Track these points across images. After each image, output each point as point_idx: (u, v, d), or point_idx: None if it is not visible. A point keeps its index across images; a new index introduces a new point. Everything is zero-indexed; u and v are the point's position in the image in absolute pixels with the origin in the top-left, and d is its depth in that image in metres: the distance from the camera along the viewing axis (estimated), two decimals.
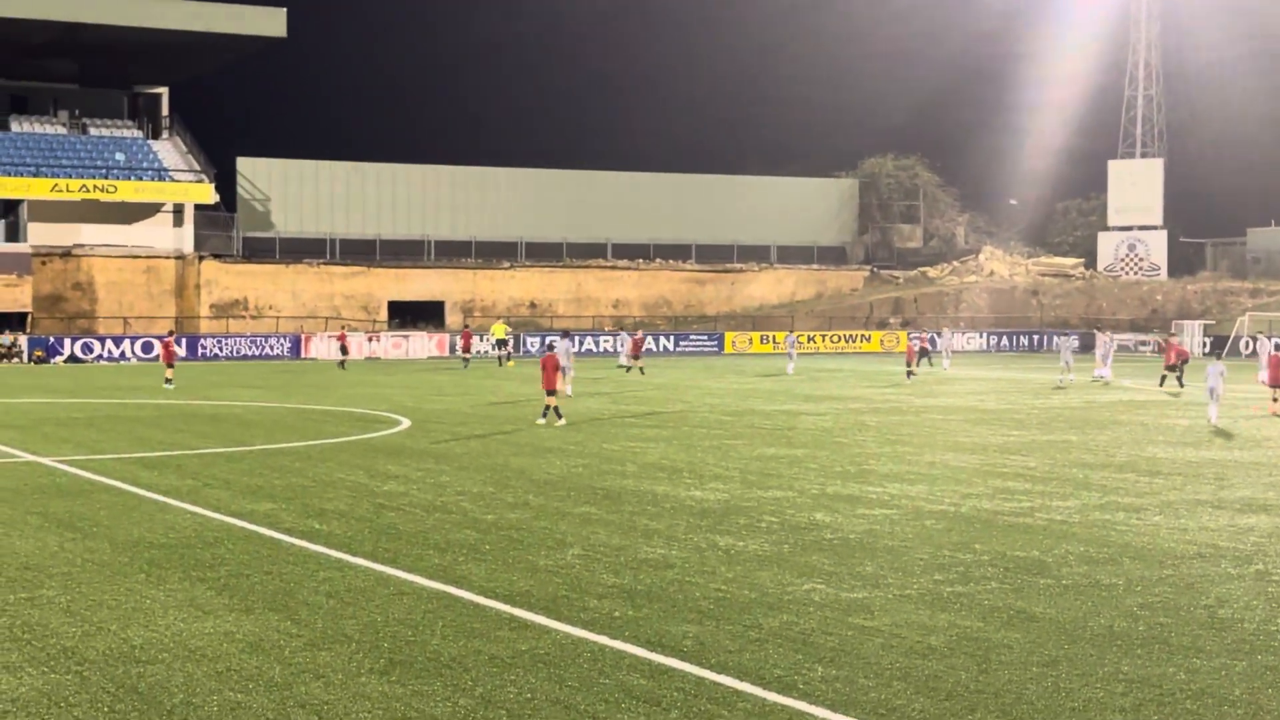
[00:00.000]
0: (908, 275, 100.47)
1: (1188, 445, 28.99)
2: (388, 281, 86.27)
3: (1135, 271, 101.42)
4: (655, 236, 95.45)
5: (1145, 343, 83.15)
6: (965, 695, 10.79)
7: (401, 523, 18.56)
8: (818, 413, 37.34)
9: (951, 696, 10.76)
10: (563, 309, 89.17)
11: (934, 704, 10.57)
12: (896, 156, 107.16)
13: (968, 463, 25.59)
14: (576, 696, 10.74)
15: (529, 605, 13.64)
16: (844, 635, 12.53)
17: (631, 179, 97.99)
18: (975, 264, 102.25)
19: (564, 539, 17.32)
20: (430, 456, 26.43)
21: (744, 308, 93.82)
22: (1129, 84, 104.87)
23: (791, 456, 26.49)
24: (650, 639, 12.37)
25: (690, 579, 14.87)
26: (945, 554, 16.34)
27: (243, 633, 12.58)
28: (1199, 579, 15.03)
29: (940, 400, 42.54)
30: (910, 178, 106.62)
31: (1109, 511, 19.62)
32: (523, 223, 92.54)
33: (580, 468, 24.57)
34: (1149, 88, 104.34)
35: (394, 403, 40.56)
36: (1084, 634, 12.61)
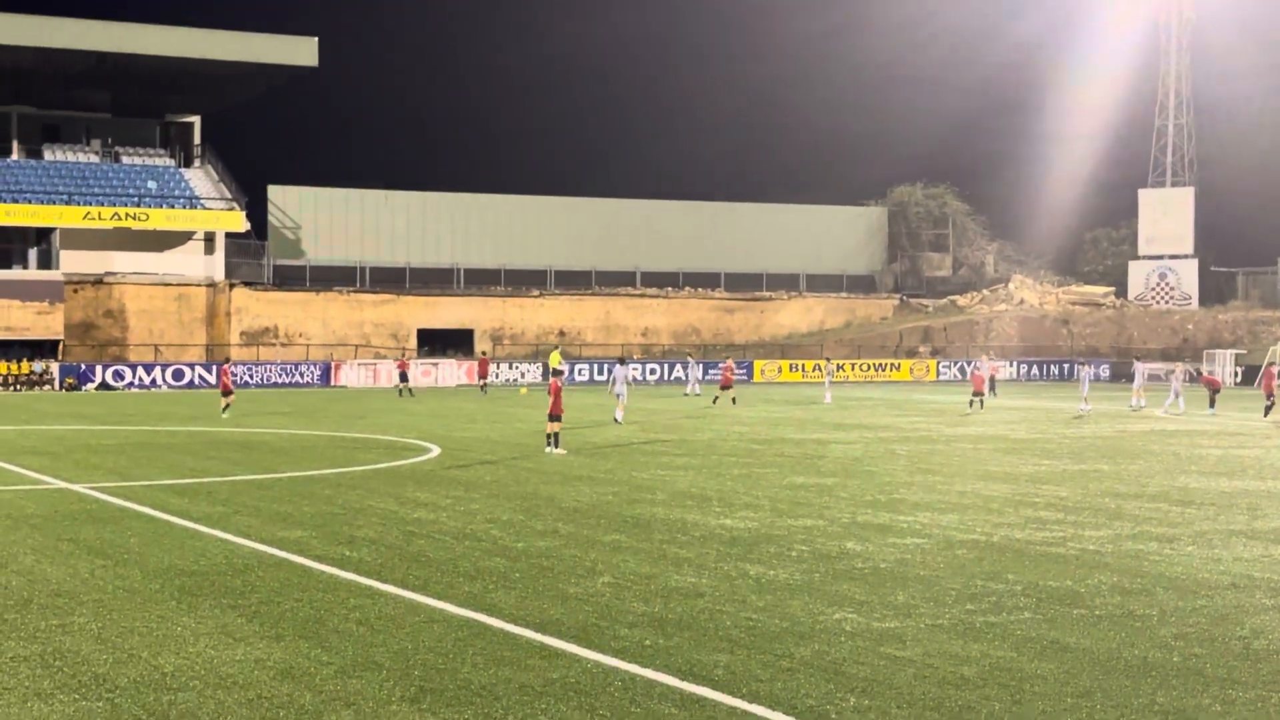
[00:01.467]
0: (937, 304, 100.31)
1: (1220, 475, 28.82)
2: (417, 309, 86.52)
3: (1166, 300, 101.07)
4: (684, 265, 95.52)
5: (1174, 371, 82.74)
6: None
7: (431, 550, 18.54)
8: (847, 441, 37.25)
9: None
10: (591, 337, 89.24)
11: None
12: (926, 185, 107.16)
13: (999, 492, 25.47)
14: None
15: (559, 633, 13.60)
16: (876, 665, 12.45)
17: (660, 207, 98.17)
18: (1005, 293, 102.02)
19: (594, 567, 17.28)
20: (460, 484, 26.43)
21: (773, 336, 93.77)
22: (1159, 113, 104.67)
23: (821, 485, 26.42)
24: (681, 668, 12.32)
25: (721, 608, 14.82)
26: (977, 584, 16.25)
27: (273, 660, 12.57)
28: (1233, 610, 14.91)
29: (971, 429, 42.39)
30: (939, 206, 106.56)
31: (1142, 541, 19.50)
32: (552, 251, 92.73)
33: (610, 495, 24.54)
34: (1179, 117, 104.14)
35: (423, 430, 40.60)
36: (1118, 665, 12.51)
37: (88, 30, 79.29)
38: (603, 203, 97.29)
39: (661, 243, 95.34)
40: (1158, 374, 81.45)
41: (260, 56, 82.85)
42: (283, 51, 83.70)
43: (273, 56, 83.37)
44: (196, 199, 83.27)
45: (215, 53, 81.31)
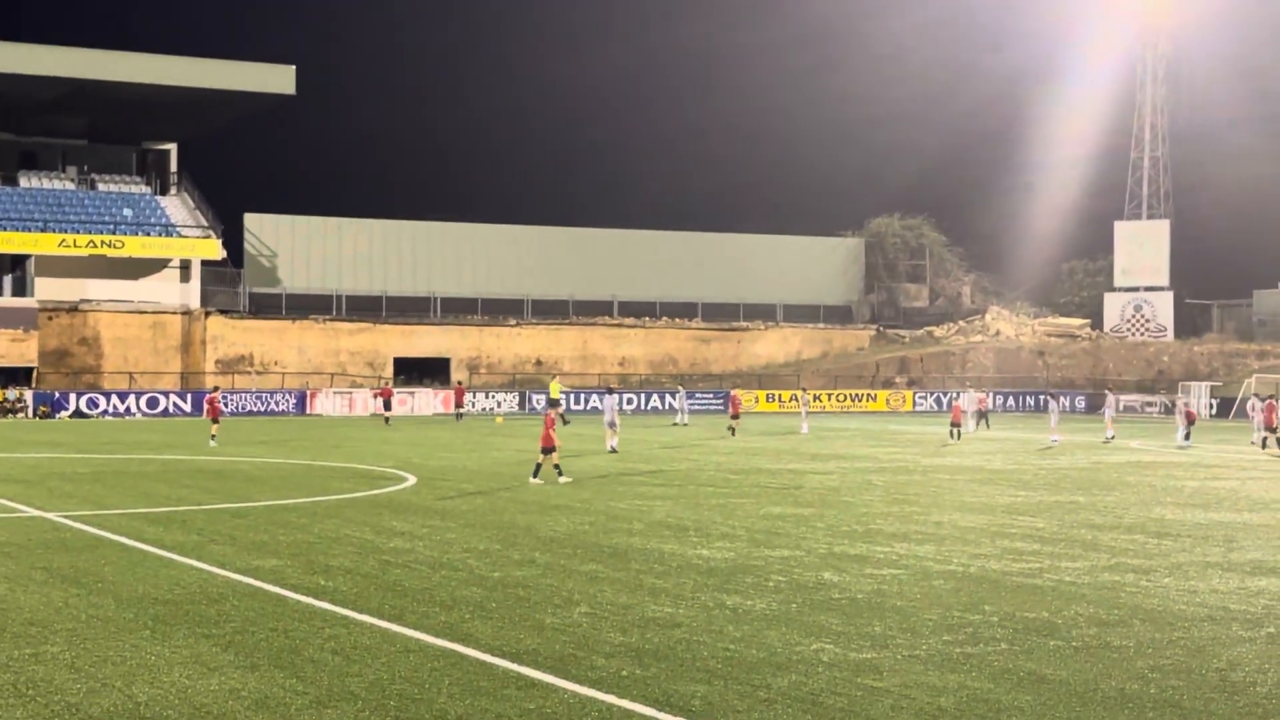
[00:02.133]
0: (914, 334, 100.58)
1: (1196, 507, 28.89)
2: (394, 338, 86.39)
3: (1142, 332, 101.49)
4: (661, 294, 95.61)
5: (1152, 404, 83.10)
6: None
7: (407, 579, 18.47)
8: (824, 471, 37.26)
9: None
10: (569, 366, 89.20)
11: None
12: (903, 216, 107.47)
13: (975, 523, 25.49)
14: None
15: (536, 663, 13.55)
16: (853, 695, 12.43)
17: (638, 237, 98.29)
18: (981, 324, 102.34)
19: (571, 597, 17.23)
20: (436, 513, 26.36)
21: (750, 366, 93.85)
22: (1135, 146, 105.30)
23: (799, 515, 26.40)
24: (658, 698, 12.28)
25: (698, 638, 14.78)
26: (954, 614, 16.24)
27: (248, 690, 12.49)
28: (1210, 642, 14.92)
29: (947, 460, 42.45)
30: (916, 237, 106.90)
31: (1118, 573, 19.52)
32: (529, 280, 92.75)
33: (587, 525, 24.49)
34: (1155, 149, 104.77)
35: (400, 459, 40.50)
36: (1095, 696, 12.51)
37: (64, 57, 79.19)
38: (580, 232, 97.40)
39: (639, 272, 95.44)
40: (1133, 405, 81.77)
41: (237, 84, 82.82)
42: (260, 79, 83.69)
43: (250, 84, 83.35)
44: (172, 226, 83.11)
45: (192, 80, 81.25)
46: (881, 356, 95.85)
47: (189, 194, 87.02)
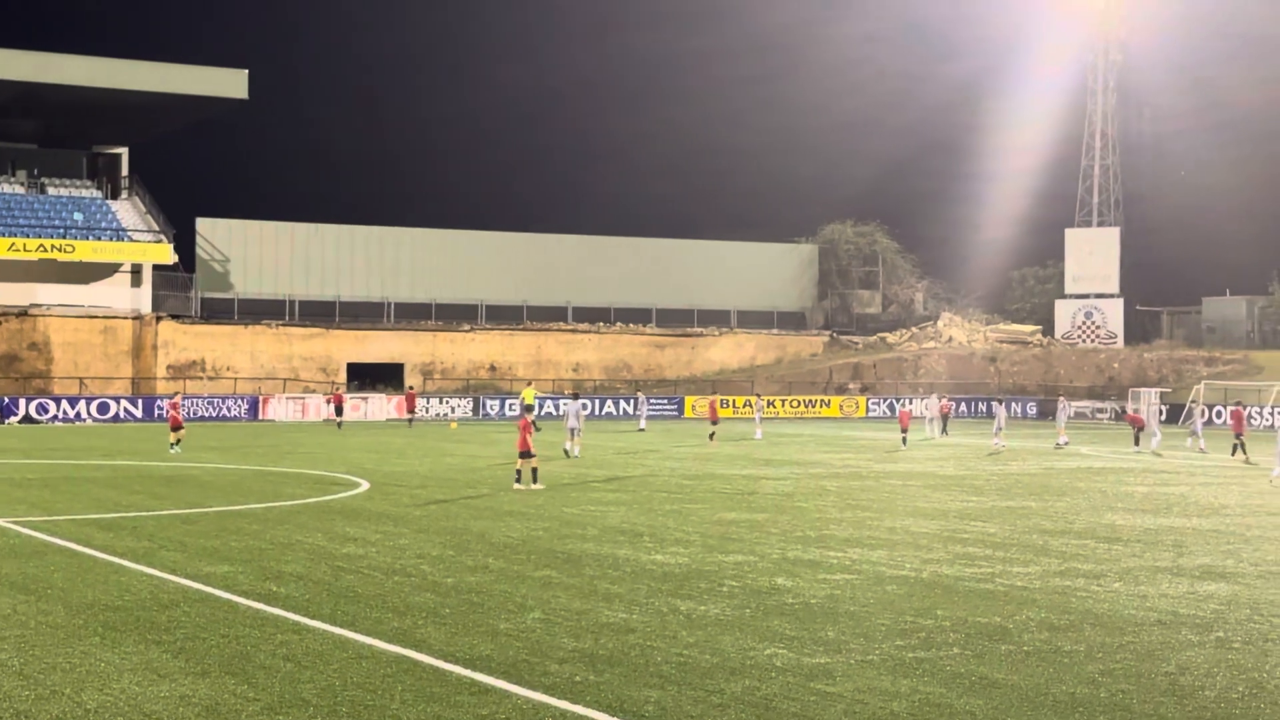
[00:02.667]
0: (867, 341, 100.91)
1: (1146, 512, 29.09)
2: (347, 343, 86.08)
3: (1092, 339, 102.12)
4: (616, 300, 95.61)
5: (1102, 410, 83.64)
6: None
7: (360, 585, 18.40)
8: (778, 477, 37.33)
9: None
10: (523, 372, 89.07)
11: None
12: (856, 223, 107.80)
13: (928, 528, 25.58)
14: None
15: (489, 670, 13.52)
16: (806, 701, 12.45)
17: (592, 243, 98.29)
18: (934, 330, 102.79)
19: (524, 603, 17.20)
20: (389, 519, 26.27)
21: (704, 372, 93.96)
22: (1085, 154, 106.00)
23: (752, 521, 26.44)
24: (612, 704, 12.27)
25: (652, 643, 14.78)
26: (907, 619, 16.30)
27: (199, 697, 12.42)
28: (1159, 646, 15.02)
29: (900, 466, 42.60)
30: (869, 244, 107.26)
31: (1069, 578, 19.63)
32: (483, 285, 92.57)
33: (541, 531, 24.45)
34: (1105, 158, 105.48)
35: (353, 465, 40.35)
36: (1046, 701, 12.57)
37: (14, 60, 78.61)
38: (535, 238, 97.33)
39: (593, 278, 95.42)
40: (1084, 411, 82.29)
41: (189, 88, 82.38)
42: (212, 83, 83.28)
43: (202, 88, 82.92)
44: (123, 231, 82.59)
45: (143, 84, 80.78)
46: (835, 362, 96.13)
47: (140, 198, 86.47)
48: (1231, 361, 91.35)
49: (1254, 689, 13.09)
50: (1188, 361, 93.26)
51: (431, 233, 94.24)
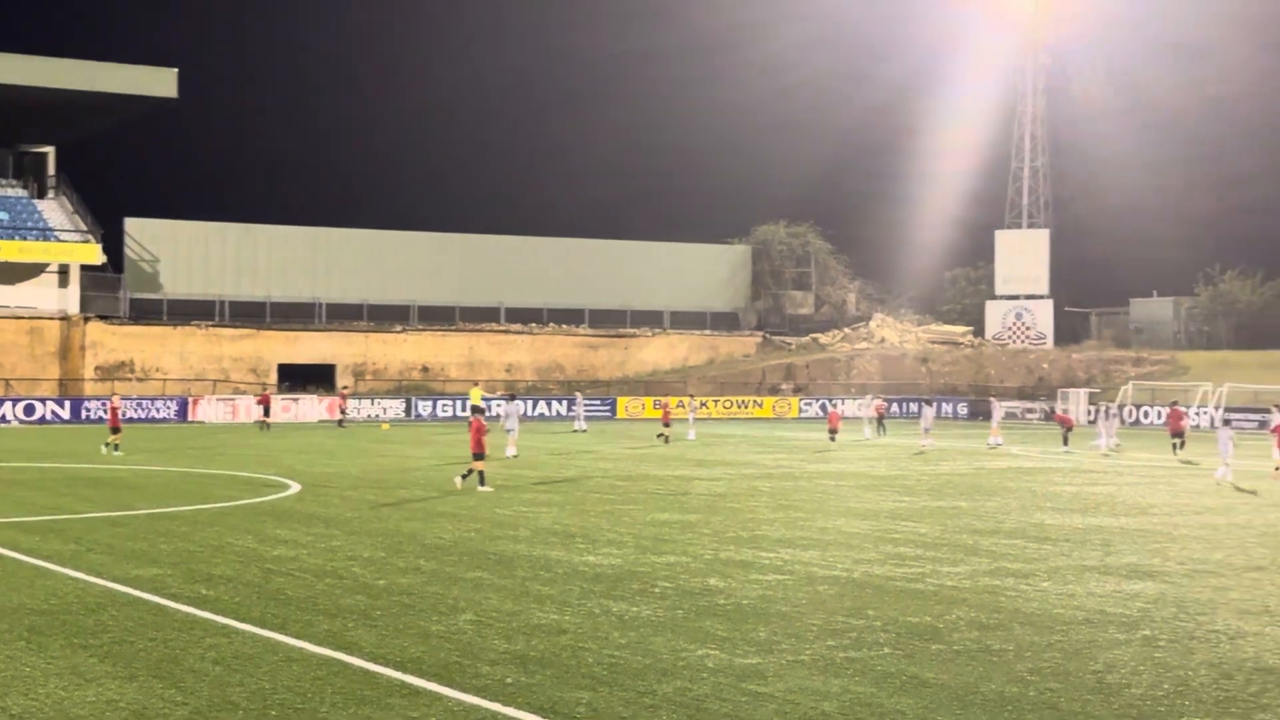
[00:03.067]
0: (800, 341, 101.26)
1: (1075, 512, 29.35)
2: (278, 344, 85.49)
3: (1022, 340, 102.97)
4: (548, 301, 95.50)
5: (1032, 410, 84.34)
6: None
7: (290, 588, 18.29)
8: (711, 478, 37.40)
9: None
10: (455, 373, 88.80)
11: None
12: (789, 224, 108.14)
13: (859, 528, 25.71)
14: None
15: (420, 672, 13.47)
16: (738, 701, 12.48)
17: (525, 243, 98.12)
18: (866, 331, 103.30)
19: (456, 604, 17.15)
20: (320, 521, 26.12)
21: (637, 373, 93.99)
22: (1015, 156, 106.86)
23: (685, 522, 26.48)
24: (543, 706, 12.26)
25: (584, 645, 14.77)
26: (838, 619, 16.37)
27: (126, 701, 12.30)
28: (1087, 645, 15.16)
29: (832, 466, 42.78)
30: (802, 245, 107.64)
31: (999, 577, 19.78)
32: (415, 286, 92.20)
33: (473, 532, 24.39)
34: (1035, 160, 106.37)
35: (283, 466, 40.09)
36: (975, 699, 12.66)
37: None
38: (467, 238, 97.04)
39: (526, 279, 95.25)
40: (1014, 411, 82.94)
41: (117, 87, 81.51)
42: (141, 82, 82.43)
43: (130, 87, 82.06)
44: (50, 231, 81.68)
45: (71, 82, 79.86)
46: (768, 363, 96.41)
47: (68, 198, 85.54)
48: (1159, 362, 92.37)
49: (1179, 687, 13.23)
50: (1116, 362, 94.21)
51: (364, 233, 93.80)
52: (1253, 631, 15.97)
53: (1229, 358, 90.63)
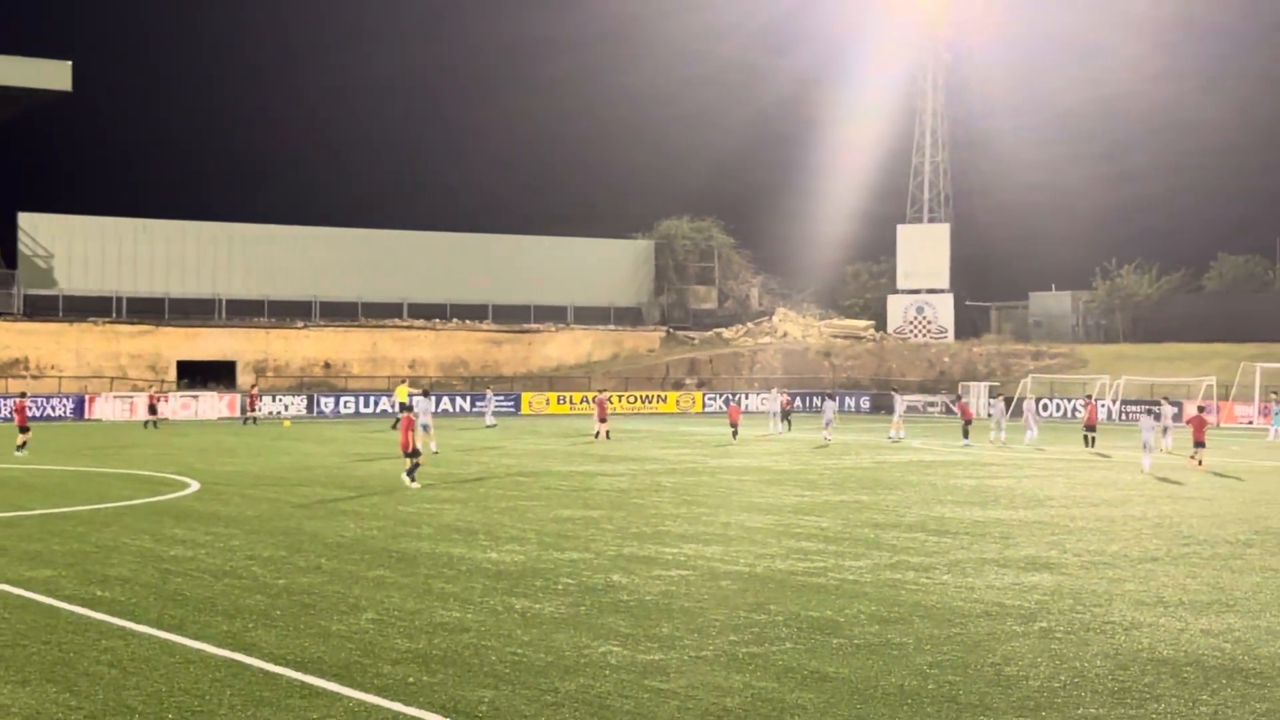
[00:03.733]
0: (703, 336, 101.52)
1: (974, 505, 29.65)
2: (177, 340, 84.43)
3: (924, 334, 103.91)
4: (452, 296, 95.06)
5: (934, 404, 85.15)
6: None
7: (188, 588, 18.07)
8: (614, 474, 37.40)
9: None
10: (358, 369, 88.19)
11: None
12: (692, 219, 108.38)
13: (762, 523, 25.81)
14: None
15: (320, 672, 13.36)
16: (640, 698, 12.48)
17: (428, 238, 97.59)
18: (769, 325, 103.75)
19: (357, 603, 17.03)
20: (219, 520, 25.83)
21: (541, 368, 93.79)
22: (916, 151, 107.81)
23: (588, 518, 26.46)
24: (445, 704, 12.20)
25: (486, 642, 14.72)
26: (741, 615, 16.43)
27: (18, 706, 12.09)
28: (986, 637, 15.31)
29: (735, 461, 42.93)
30: (705, 239, 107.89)
31: (899, 571, 19.94)
32: (317, 281, 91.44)
33: (375, 530, 24.23)
34: (935, 155, 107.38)
35: (182, 465, 39.61)
36: (876, 693, 12.75)
37: None
38: (369, 233, 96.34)
39: (429, 274, 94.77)
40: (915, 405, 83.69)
41: (9, 80, 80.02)
42: (33, 75, 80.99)
43: (23, 80, 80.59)
44: None
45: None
46: (671, 358, 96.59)
47: None
48: (1058, 355, 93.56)
49: (1076, 678, 13.40)
50: (1015, 355, 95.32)
51: (264, 228, 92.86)
52: (1147, 622, 16.22)
53: (1126, 350, 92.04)
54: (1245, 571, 20.21)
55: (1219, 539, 23.94)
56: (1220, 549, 22.64)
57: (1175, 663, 14.10)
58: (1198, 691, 12.94)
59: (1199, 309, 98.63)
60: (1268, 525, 26.09)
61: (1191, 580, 19.34)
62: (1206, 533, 24.83)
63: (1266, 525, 26.08)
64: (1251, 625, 16.13)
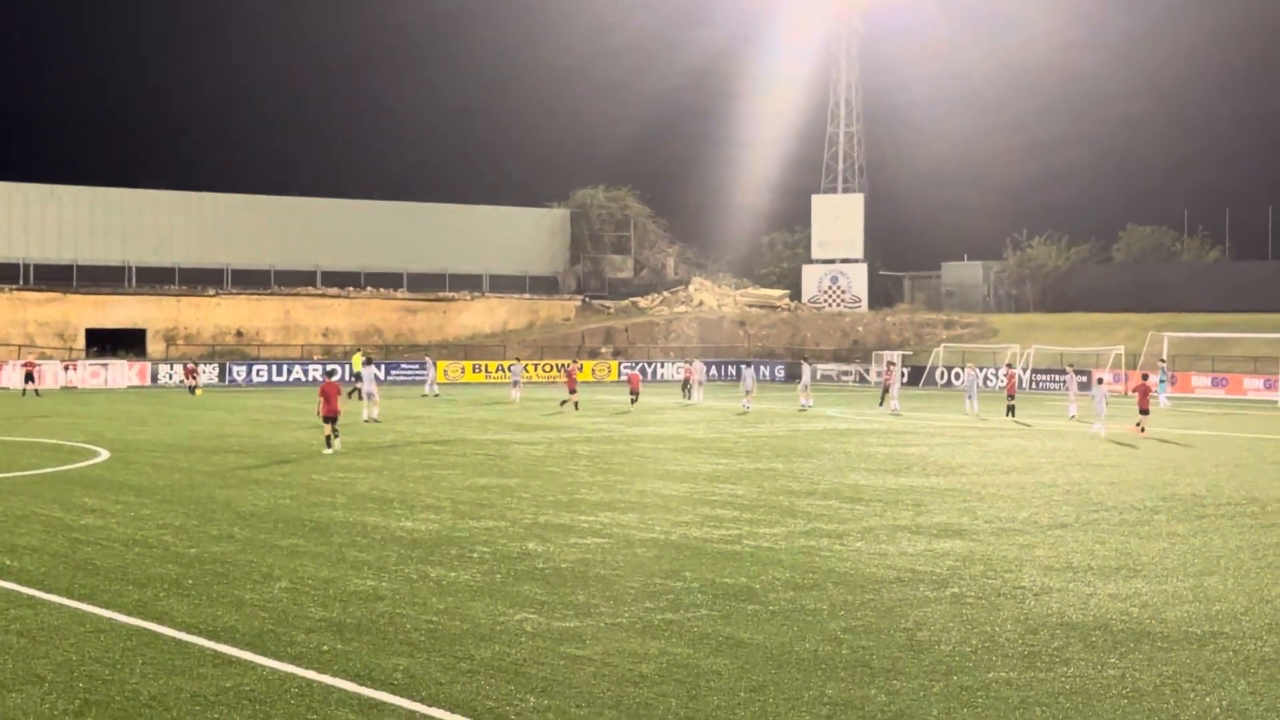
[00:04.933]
0: (619, 305, 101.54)
1: (888, 472, 29.89)
2: (85, 308, 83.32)
3: (838, 303, 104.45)
4: (366, 264, 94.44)
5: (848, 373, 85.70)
6: None
7: (99, 558, 17.88)
8: (530, 442, 37.37)
9: None
10: (271, 337, 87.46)
11: None
12: (608, 188, 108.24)
13: (678, 491, 25.90)
14: None
15: (233, 641, 13.27)
16: (556, 665, 12.51)
17: (341, 206, 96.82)
18: (685, 295, 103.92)
19: (271, 572, 16.93)
20: (130, 489, 25.57)
21: (456, 337, 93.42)
22: (830, 121, 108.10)
23: (504, 486, 26.43)
24: (360, 673, 12.16)
25: (401, 611, 14.68)
26: (656, 582, 16.48)
27: None
28: (899, 603, 15.46)
29: (651, 429, 43.02)
30: (621, 209, 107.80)
31: (814, 538, 20.07)
32: (229, 249, 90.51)
33: (288, 499, 24.07)
34: (849, 125, 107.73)
35: (92, 434, 39.15)
36: (790, 659, 12.84)
37: None
38: (281, 200, 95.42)
39: (343, 242, 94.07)
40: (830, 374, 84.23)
41: None
42: None
43: None
44: None
45: None
46: (587, 327, 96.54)
47: None
48: (969, 325, 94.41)
49: (986, 642, 13.56)
50: (928, 325, 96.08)
51: (175, 195, 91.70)
52: (1057, 588, 16.44)
53: (1035, 320, 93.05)
54: (1152, 537, 20.54)
55: (1127, 505, 24.30)
56: (1128, 515, 22.99)
57: (1084, 627, 14.31)
58: (1106, 655, 13.14)
59: (1108, 279, 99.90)
60: (1174, 491, 26.52)
61: (1100, 546, 19.62)
62: (1115, 499, 25.20)
63: (1173, 492, 26.50)
64: (1158, 590, 16.39)
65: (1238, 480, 28.95)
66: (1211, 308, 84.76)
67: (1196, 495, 26.01)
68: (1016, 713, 11.24)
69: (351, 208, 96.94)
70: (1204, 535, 20.83)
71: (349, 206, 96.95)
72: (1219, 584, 16.85)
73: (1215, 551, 19.32)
